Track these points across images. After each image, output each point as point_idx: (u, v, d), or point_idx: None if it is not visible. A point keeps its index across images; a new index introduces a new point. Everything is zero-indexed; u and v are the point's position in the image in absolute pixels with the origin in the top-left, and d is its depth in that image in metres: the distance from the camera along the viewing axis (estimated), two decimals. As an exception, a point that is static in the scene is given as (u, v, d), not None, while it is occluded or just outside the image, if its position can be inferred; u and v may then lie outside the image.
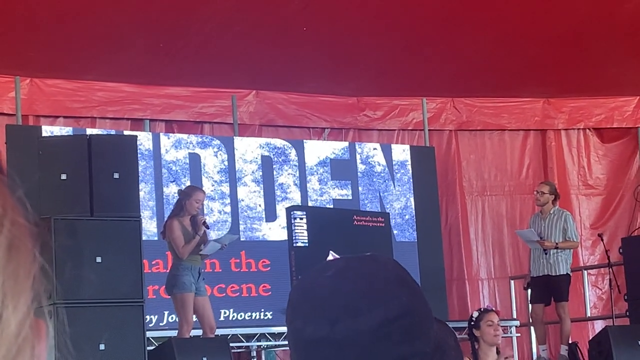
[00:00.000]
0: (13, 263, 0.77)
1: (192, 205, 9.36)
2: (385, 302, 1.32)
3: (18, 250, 0.78)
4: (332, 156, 12.32)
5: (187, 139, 11.77)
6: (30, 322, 0.78)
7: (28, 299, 0.78)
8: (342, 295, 1.33)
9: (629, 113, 13.82)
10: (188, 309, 9.13)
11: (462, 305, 13.09)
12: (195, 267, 9.29)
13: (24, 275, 0.78)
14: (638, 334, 10.07)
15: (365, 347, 1.31)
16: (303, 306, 1.36)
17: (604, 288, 12.85)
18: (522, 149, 13.79)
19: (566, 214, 10.71)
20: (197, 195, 9.46)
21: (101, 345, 7.61)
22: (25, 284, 0.78)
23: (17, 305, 0.77)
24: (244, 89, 12.45)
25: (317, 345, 1.32)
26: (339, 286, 1.34)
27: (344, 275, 1.35)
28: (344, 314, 1.31)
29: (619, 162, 13.90)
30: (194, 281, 9.20)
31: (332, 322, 1.31)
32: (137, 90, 11.99)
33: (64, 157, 8.09)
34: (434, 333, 1.36)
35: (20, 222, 0.80)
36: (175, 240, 9.26)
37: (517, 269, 13.03)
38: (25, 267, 0.79)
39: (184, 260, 9.22)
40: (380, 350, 1.31)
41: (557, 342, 11.21)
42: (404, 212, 12.50)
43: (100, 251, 7.85)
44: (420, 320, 1.34)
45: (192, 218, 9.36)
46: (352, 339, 1.30)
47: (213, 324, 9.38)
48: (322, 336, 1.31)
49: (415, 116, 13.18)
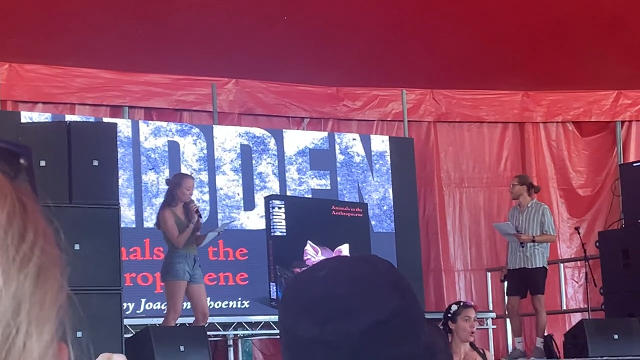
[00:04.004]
0: (40, 291, 0.77)
1: (183, 194, 9.39)
2: (376, 305, 1.32)
3: (46, 278, 0.78)
4: (311, 146, 12.32)
5: (166, 126, 11.73)
6: (54, 352, 0.78)
7: (52, 328, 0.78)
8: (334, 296, 1.33)
9: (607, 107, 13.88)
10: (178, 297, 9.15)
11: (439, 296, 13.14)
12: (191, 255, 9.31)
13: (50, 303, 0.78)
14: (613, 327, 10.14)
15: (355, 349, 1.31)
16: (295, 305, 1.36)
17: (581, 281, 12.93)
18: (500, 141, 13.83)
19: (543, 207, 10.76)
20: (186, 183, 9.50)
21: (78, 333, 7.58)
22: (51, 313, 0.78)
23: (42, 334, 0.76)
24: (224, 77, 12.42)
25: (308, 345, 1.33)
26: (331, 287, 1.34)
27: (336, 276, 1.35)
28: (334, 315, 1.32)
29: (597, 156, 13.96)
30: (189, 269, 9.22)
31: (323, 322, 1.32)
32: (116, 77, 11.95)
33: (43, 143, 8.04)
34: (424, 335, 1.37)
35: (50, 250, 0.79)
36: (170, 230, 9.28)
37: (493, 261, 13.08)
38: (52, 295, 0.78)
39: (179, 248, 9.25)
40: (370, 352, 1.31)
41: (533, 335, 11.27)
42: (382, 203, 12.51)
43: (78, 238, 7.81)
44: (411, 323, 1.35)
45: (184, 206, 9.39)
46: (342, 340, 1.31)
47: (206, 311, 9.42)
48: (313, 336, 1.32)
49: (395, 107, 13.20)
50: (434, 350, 1.38)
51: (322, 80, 12.72)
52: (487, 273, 12.79)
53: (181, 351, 8.35)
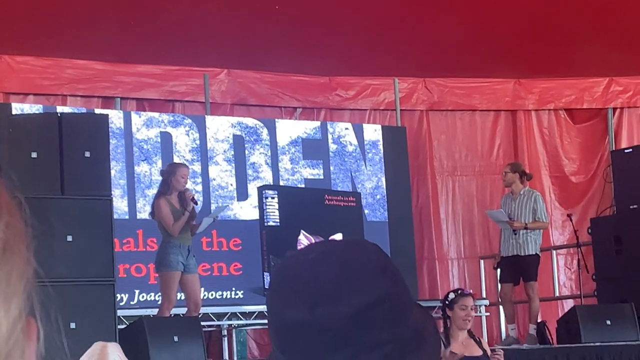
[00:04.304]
0: (6, 266, 0.77)
1: (178, 182, 9.38)
2: (365, 288, 1.33)
3: (12, 252, 0.78)
4: (304, 136, 12.32)
5: (159, 117, 11.72)
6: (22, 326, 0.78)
7: (20, 303, 0.77)
8: (322, 280, 1.33)
9: (598, 94, 13.89)
10: (171, 287, 9.15)
11: (432, 284, 13.16)
12: (185, 245, 9.30)
13: (17, 278, 0.78)
14: (606, 313, 10.18)
15: (344, 333, 1.31)
16: (283, 289, 1.36)
17: (573, 268, 12.96)
18: (492, 129, 13.84)
19: (536, 195, 10.77)
20: (181, 171, 9.49)
21: (72, 324, 7.59)
22: (18, 288, 0.77)
23: (9, 308, 0.76)
24: (216, 68, 12.40)
25: (297, 329, 1.33)
26: (320, 271, 1.34)
27: (325, 260, 1.36)
28: (323, 298, 1.32)
29: (590, 143, 13.98)
30: (183, 259, 9.21)
31: (312, 306, 1.32)
32: (107, 68, 11.93)
33: (34, 135, 8.04)
34: (413, 319, 1.37)
35: (16, 224, 0.79)
36: (165, 218, 9.27)
37: (486, 249, 13.10)
38: (19, 270, 0.78)
39: (173, 238, 9.23)
40: (359, 336, 1.32)
41: (526, 322, 11.29)
42: (375, 192, 12.52)
43: (71, 230, 7.83)
44: (400, 307, 1.35)
45: (179, 194, 9.38)
46: (331, 323, 1.31)
47: (199, 301, 9.42)
48: (302, 320, 1.32)
49: (387, 96, 13.20)
50: (423, 334, 1.38)
51: (314, 70, 12.71)
52: (480, 261, 12.81)
53: (175, 342, 8.37)
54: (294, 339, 1.33)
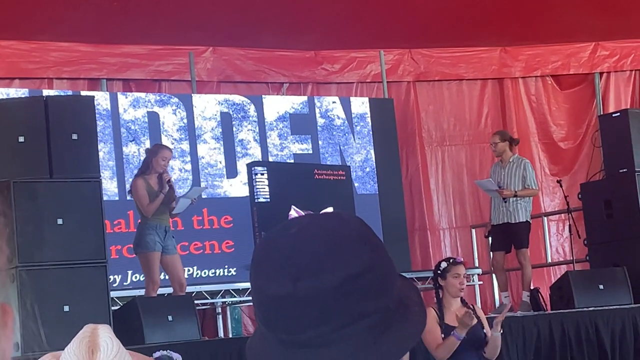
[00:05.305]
0: None
1: (158, 163, 9.29)
2: (348, 260, 1.33)
3: None
4: (292, 111, 12.30)
5: (145, 97, 11.69)
6: None
7: None
8: (305, 253, 1.34)
9: (585, 59, 13.89)
10: (153, 268, 9.12)
11: (425, 255, 13.20)
12: (162, 226, 9.23)
13: None
14: (598, 277, 10.21)
15: (328, 305, 1.32)
16: (266, 264, 1.36)
17: (565, 234, 12.99)
18: (480, 98, 13.84)
19: (525, 162, 10.77)
20: (163, 153, 9.40)
21: (65, 307, 7.60)
22: None
23: None
24: (201, 46, 12.36)
25: (280, 302, 1.33)
26: (302, 244, 1.35)
27: (307, 233, 1.36)
28: (306, 271, 1.32)
29: (577, 109, 13.99)
30: (160, 240, 9.15)
31: (295, 279, 1.32)
32: (92, 50, 11.88)
33: (20, 119, 8.01)
34: (396, 289, 1.38)
35: None
36: (140, 199, 9.22)
37: (477, 218, 13.13)
38: None
39: (150, 219, 9.19)
40: (343, 307, 1.32)
41: (519, 289, 11.33)
42: (364, 165, 12.53)
43: (61, 213, 7.82)
44: (383, 277, 1.36)
45: (159, 176, 9.32)
46: (314, 296, 1.32)
47: (183, 281, 9.36)
48: (285, 294, 1.32)
49: (373, 68, 13.18)
50: (408, 303, 1.38)
51: (299, 44, 12.68)
52: (471, 230, 12.84)
53: (169, 321, 8.37)
54: (278, 313, 1.34)
